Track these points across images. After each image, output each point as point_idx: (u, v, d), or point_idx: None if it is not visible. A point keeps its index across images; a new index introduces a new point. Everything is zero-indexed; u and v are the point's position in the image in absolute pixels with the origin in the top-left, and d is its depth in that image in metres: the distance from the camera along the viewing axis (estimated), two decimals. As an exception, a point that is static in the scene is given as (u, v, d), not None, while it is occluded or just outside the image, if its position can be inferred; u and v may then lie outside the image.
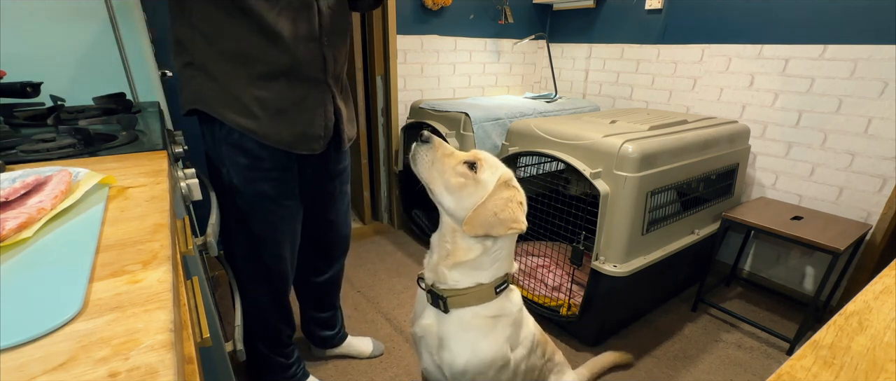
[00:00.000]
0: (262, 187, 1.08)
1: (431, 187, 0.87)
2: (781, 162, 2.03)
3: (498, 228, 0.82)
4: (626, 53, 2.55)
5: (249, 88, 0.97)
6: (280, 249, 1.18)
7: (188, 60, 0.97)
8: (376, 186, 2.75)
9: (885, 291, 0.55)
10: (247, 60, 0.96)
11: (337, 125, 1.14)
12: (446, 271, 0.88)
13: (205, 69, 0.96)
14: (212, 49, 0.94)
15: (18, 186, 0.54)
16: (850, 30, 1.74)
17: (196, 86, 0.98)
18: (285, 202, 1.14)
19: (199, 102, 0.98)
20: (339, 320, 1.60)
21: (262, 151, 1.03)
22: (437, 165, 0.85)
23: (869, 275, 1.80)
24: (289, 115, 1.02)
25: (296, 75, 1.00)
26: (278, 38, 0.95)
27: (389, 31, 2.31)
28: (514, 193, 0.85)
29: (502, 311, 0.92)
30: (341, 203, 1.33)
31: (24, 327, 0.34)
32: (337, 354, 1.63)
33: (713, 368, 1.65)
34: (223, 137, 1.02)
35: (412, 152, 0.88)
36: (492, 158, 0.88)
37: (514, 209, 0.83)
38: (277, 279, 1.22)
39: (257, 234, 1.13)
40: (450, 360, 0.92)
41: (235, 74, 0.96)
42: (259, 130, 1.00)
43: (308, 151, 1.08)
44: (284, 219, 1.15)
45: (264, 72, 0.97)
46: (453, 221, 0.86)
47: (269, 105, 1.00)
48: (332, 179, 1.26)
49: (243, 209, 1.10)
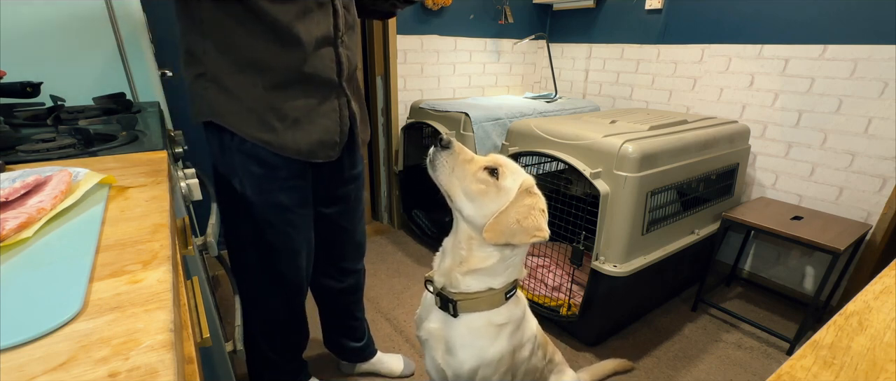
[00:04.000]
0: (278, 198, 1.05)
1: (451, 194, 0.84)
2: (781, 162, 2.03)
3: (520, 236, 0.81)
4: (626, 53, 2.55)
5: (264, 98, 0.94)
6: (297, 258, 1.15)
7: (200, 71, 0.94)
8: (376, 187, 2.75)
9: (885, 291, 0.55)
10: (261, 69, 0.93)
11: (351, 128, 1.11)
12: (460, 276, 0.87)
13: (218, 81, 0.93)
14: (224, 59, 0.91)
15: (18, 186, 0.54)
16: (850, 30, 1.74)
17: (210, 98, 0.94)
18: (301, 211, 1.11)
19: (213, 114, 0.95)
20: (366, 331, 1.54)
21: (277, 160, 1.00)
22: (458, 171, 0.83)
23: (869, 275, 1.80)
24: (305, 123, 1.00)
25: (310, 81, 0.98)
26: (294, 41, 0.92)
27: (389, 31, 2.31)
28: (536, 200, 0.83)
29: (510, 318, 0.91)
30: (356, 210, 1.30)
31: (24, 327, 0.34)
32: (366, 370, 1.58)
33: (713, 368, 1.65)
34: (235, 146, 0.98)
35: (430, 157, 0.85)
36: (512, 164, 0.86)
37: (537, 217, 0.81)
38: (293, 289, 1.20)
39: (273, 244, 1.10)
40: (456, 365, 0.91)
41: (250, 84, 0.93)
42: (276, 142, 0.97)
43: (325, 158, 1.05)
44: (300, 228, 1.12)
45: (278, 80, 0.94)
46: (471, 228, 0.84)
47: (286, 115, 0.97)
48: (346, 184, 1.22)
49: (258, 220, 1.06)
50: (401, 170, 2.56)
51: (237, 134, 0.96)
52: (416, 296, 2.04)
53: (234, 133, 0.96)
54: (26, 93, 1.04)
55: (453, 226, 0.90)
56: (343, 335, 1.50)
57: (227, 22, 0.89)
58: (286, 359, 1.33)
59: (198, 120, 0.98)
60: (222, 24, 0.89)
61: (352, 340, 1.51)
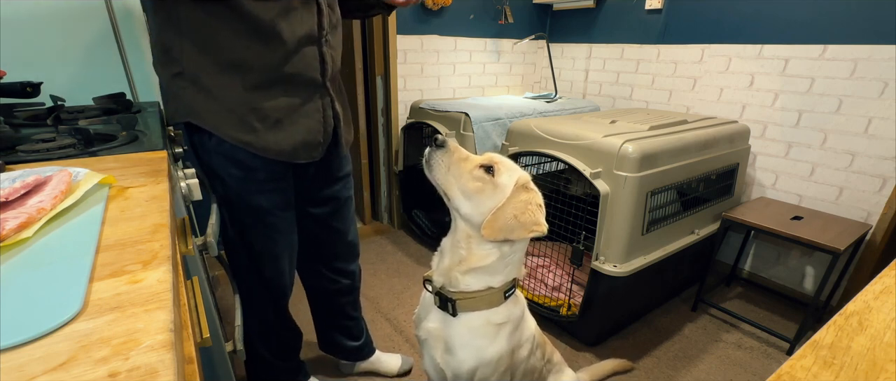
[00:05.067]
0: (258, 201, 1.04)
1: (448, 193, 0.85)
2: (781, 162, 2.03)
3: (518, 231, 0.81)
4: (626, 53, 2.55)
5: (245, 99, 0.92)
6: (279, 262, 1.15)
7: (178, 71, 0.90)
8: (376, 187, 2.75)
9: (885, 291, 0.55)
10: (241, 69, 0.90)
11: (336, 129, 1.10)
12: (459, 275, 0.87)
13: (197, 81, 0.90)
14: (203, 58, 0.89)
15: (18, 186, 0.54)
16: (850, 30, 1.74)
17: (188, 98, 0.92)
18: (282, 214, 1.10)
19: (191, 115, 0.92)
20: (364, 329, 1.54)
21: (254, 162, 0.98)
22: (454, 169, 0.84)
23: (869, 275, 1.80)
24: (287, 124, 0.98)
25: (293, 81, 0.96)
26: (276, 40, 0.90)
27: (389, 31, 2.31)
28: (533, 195, 0.84)
29: (509, 317, 0.91)
30: (346, 210, 1.29)
31: (24, 327, 0.34)
32: (365, 369, 1.58)
33: (713, 368, 1.65)
34: (213, 148, 0.97)
35: (426, 157, 0.85)
36: (507, 161, 0.87)
37: (534, 212, 0.82)
38: (277, 292, 1.20)
39: (256, 248, 1.10)
40: (456, 365, 0.91)
41: (230, 84, 0.91)
42: (257, 143, 0.95)
43: (308, 159, 1.04)
44: (282, 232, 1.12)
45: (260, 80, 0.92)
46: (469, 226, 0.85)
47: (267, 116, 0.95)
48: (334, 184, 1.22)
49: (240, 222, 1.06)
50: (401, 170, 2.56)
51: (215, 135, 0.94)
52: (416, 296, 2.04)
53: (212, 134, 0.94)
54: (26, 93, 1.04)
55: (451, 225, 0.90)
56: (340, 333, 1.50)
57: (206, 20, 0.86)
58: (282, 359, 1.33)
59: (174, 120, 0.96)
60: (202, 23, 0.86)
61: (349, 339, 1.51)
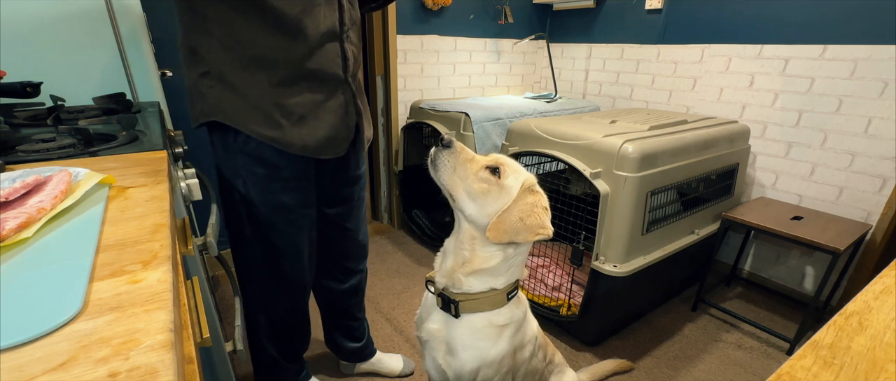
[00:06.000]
0: (282, 198, 1.04)
1: (453, 194, 0.84)
2: (781, 162, 2.03)
3: (524, 234, 0.80)
4: (626, 53, 2.55)
5: (270, 94, 0.94)
6: (300, 258, 1.15)
7: (205, 70, 0.92)
8: (376, 187, 2.75)
9: (885, 291, 0.55)
10: (266, 65, 0.92)
11: (358, 125, 1.11)
12: (462, 277, 0.87)
13: (223, 78, 0.92)
14: (229, 55, 0.90)
15: (18, 186, 0.54)
16: (850, 30, 1.74)
17: (214, 97, 0.93)
18: (304, 211, 1.11)
19: (218, 113, 0.94)
20: (366, 331, 1.54)
21: (280, 160, 1.00)
22: (459, 170, 0.83)
23: (869, 275, 1.80)
24: (311, 120, 0.99)
25: (316, 77, 0.97)
26: (300, 35, 0.91)
27: (389, 31, 2.31)
28: (539, 198, 0.83)
29: (512, 318, 0.91)
30: (359, 210, 1.30)
31: (24, 327, 0.33)
32: (365, 370, 1.58)
33: (713, 368, 1.65)
34: (238, 147, 0.98)
35: (432, 157, 0.85)
36: (513, 163, 0.86)
37: (540, 215, 0.81)
38: (297, 288, 1.20)
39: (277, 245, 1.10)
40: (458, 366, 0.91)
41: (255, 80, 0.92)
42: (282, 139, 0.96)
43: (333, 154, 1.05)
44: (304, 229, 1.13)
45: (284, 76, 0.93)
46: (474, 228, 0.84)
47: (292, 112, 0.96)
48: (350, 185, 1.22)
49: (262, 221, 1.06)
50: (401, 170, 2.56)
51: (242, 132, 0.95)
52: (416, 296, 2.04)
53: (239, 132, 0.96)
54: (26, 93, 1.04)
55: (455, 226, 0.90)
56: (343, 335, 1.50)
57: (232, 17, 0.88)
58: (289, 359, 1.33)
59: (200, 120, 0.97)
60: (227, 20, 0.88)
61: (351, 340, 1.51)
